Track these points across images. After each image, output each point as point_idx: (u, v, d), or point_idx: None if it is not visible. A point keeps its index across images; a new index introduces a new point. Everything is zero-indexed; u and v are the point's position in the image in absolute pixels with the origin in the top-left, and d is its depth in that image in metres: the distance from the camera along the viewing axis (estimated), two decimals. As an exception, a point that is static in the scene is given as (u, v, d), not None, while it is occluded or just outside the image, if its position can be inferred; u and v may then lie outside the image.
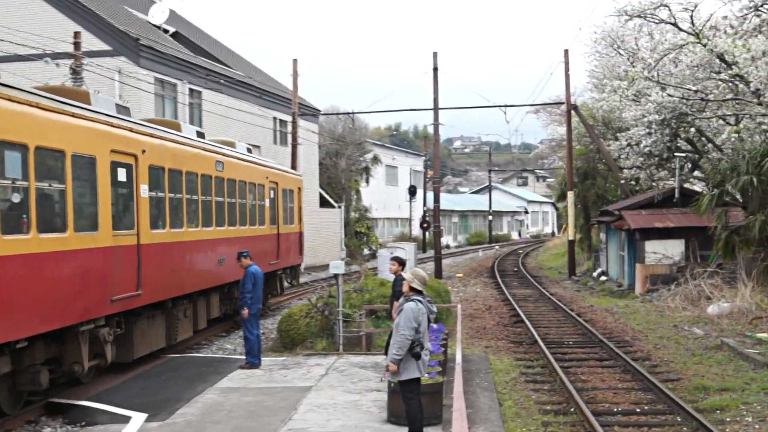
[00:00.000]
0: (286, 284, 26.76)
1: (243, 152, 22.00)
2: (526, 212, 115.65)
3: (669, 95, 27.73)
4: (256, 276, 15.31)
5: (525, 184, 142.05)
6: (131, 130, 14.02)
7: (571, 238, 39.58)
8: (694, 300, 24.54)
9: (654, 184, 34.18)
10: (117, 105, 14.68)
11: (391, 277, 15.75)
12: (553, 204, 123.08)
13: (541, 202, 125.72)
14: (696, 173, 35.31)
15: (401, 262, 14.33)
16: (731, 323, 20.57)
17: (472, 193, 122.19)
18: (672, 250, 28.86)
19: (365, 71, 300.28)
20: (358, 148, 59.04)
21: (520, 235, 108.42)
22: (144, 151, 14.37)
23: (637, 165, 33.45)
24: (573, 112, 39.15)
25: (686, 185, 34.32)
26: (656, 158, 32.83)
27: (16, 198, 10.42)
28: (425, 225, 62.52)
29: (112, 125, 13.23)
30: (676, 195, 30.08)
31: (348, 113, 45.56)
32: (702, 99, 26.79)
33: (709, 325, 20.95)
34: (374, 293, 19.99)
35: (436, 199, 40.59)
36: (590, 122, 40.02)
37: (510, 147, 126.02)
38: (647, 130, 30.77)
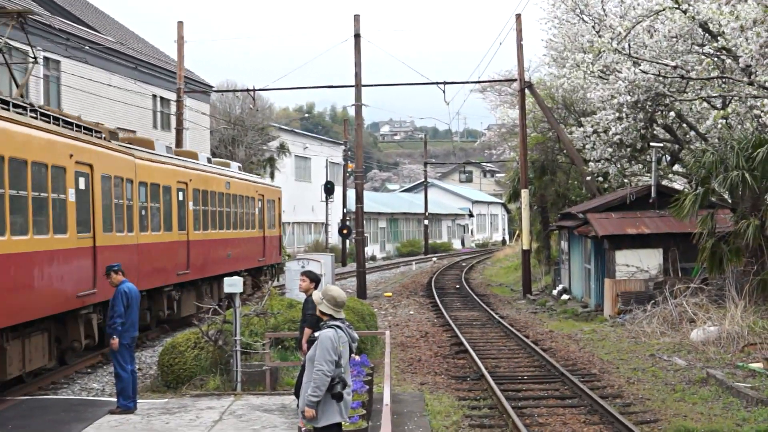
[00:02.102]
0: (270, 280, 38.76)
1: (237, 171, 35.72)
2: (471, 215, 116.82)
3: (643, 72, 28.23)
4: (130, 295, 15.01)
5: (469, 180, 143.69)
6: (179, 166, 27.26)
7: (525, 247, 40.06)
8: (675, 323, 25.03)
9: (626, 180, 34.82)
10: (167, 147, 27.79)
11: (302, 297, 15.64)
12: (503, 205, 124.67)
13: (489, 203, 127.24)
14: (676, 167, 36.07)
15: (314, 279, 14.23)
16: (719, 351, 21.02)
17: (404, 191, 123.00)
18: (648, 261, 29.40)
19: (269, 39, 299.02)
20: (261, 134, 58.72)
21: (463, 243, 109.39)
22: (191, 180, 27.96)
23: (606, 157, 34.00)
24: (527, 91, 39.61)
25: (665, 182, 35.04)
26: (628, 149, 33.44)
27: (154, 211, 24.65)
28: (345, 231, 62.55)
29: (176, 165, 26.99)
30: (653, 194, 30.61)
31: (248, 90, 45.27)
32: (682, 77, 27.35)
33: (692, 353, 21.38)
34: (281, 318, 19.85)
35: (359, 199, 40.58)
36: (548, 104, 40.56)
37: (450, 134, 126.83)
38: (617, 114, 31.29)
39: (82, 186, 19.11)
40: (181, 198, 26.96)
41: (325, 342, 9.68)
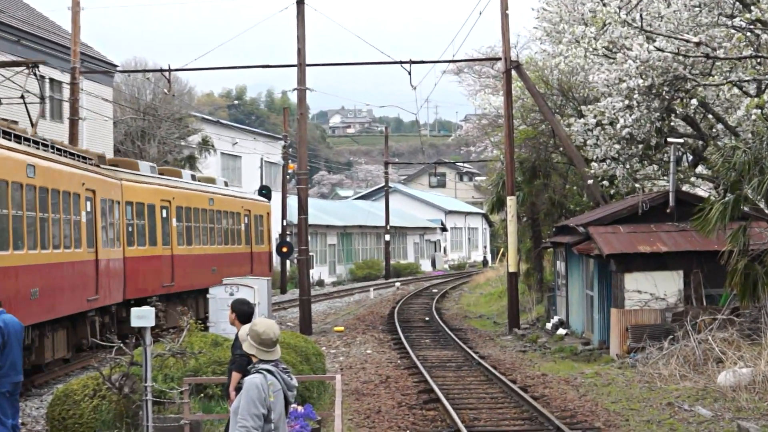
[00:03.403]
0: None
1: (222, 187, 44.93)
2: (444, 229, 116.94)
3: (658, 49, 28.44)
4: (6, 331, 14.92)
5: (442, 184, 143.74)
6: (162, 185, 36.38)
7: (512, 269, 40.15)
8: (698, 364, 25.18)
9: (637, 185, 34.98)
10: (150, 167, 37.23)
11: (231, 333, 15.63)
12: (485, 216, 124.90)
13: (466, 214, 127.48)
14: (699, 169, 36.31)
15: (243, 312, 14.10)
16: (753, 399, 21.18)
17: (360, 198, 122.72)
18: (665, 287, 29.54)
19: (188, 6, 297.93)
20: (178, 126, 58.55)
21: (434, 265, 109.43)
22: (174, 198, 36.69)
23: (612, 156, 34.14)
24: (514, 72, 39.79)
25: (685, 187, 35.27)
26: (640, 146, 33.61)
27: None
28: (285, 250, 62.32)
29: (160, 185, 36.27)
30: (671, 202, 30.73)
31: (161, 71, 45.10)
32: (707, 56, 27.58)
33: (720, 401, 21.54)
34: (204, 358, 19.82)
35: (303, 209, 40.55)
36: (540, 89, 40.73)
37: (418, 127, 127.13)
38: (626, 103, 31.47)
39: (89, 208, 29.21)
40: (164, 215, 36.41)
41: (250, 391, 9.65)
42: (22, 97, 28.35)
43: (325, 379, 21.65)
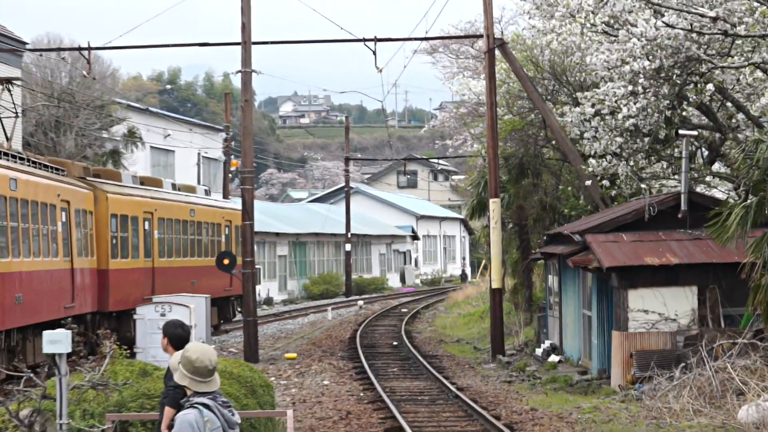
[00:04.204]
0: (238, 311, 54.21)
1: (203, 196, 50.81)
2: (416, 237, 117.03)
3: (668, 25, 28.49)
4: None
5: (413, 184, 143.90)
6: (146, 196, 43.12)
7: (496, 285, 40.13)
8: (716, 396, 25.20)
9: (643, 186, 35.04)
10: (132, 177, 44.48)
11: (164, 360, 15.45)
12: (463, 222, 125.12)
13: (441, 219, 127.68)
14: (716, 166, 36.39)
15: (177, 336, 13.90)
16: (780, 437, 21.22)
17: (315, 200, 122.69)
18: (676, 306, 29.56)
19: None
20: (99, 115, 58.23)
21: (403, 279, 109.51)
22: (156, 210, 43.23)
23: (614, 151, 34.21)
24: (498, 52, 39.78)
25: (700, 188, 35.33)
26: (646, 139, 33.66)
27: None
28: (227, 262, 62.04)
29: (143, 196, 42.93)
30: (683, 206, 30.79)
31: (79, 49, 44.87)
32: (725, 33, 27.63)
33: (741, 440, 21.55)
34: (130, 391, 19.61)
35: (248, 214, 40.48)
36: (529, 72, 40.77)
37: (385, 116, 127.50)
38: (630, 88, 31.50)
39: (64, 219, 34.93)
40: (147, 227, 42.40)
41: (183, 429, 9.58)
42: None
43: (275, 415, 21.50)
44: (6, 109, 34.62)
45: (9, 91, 34.93)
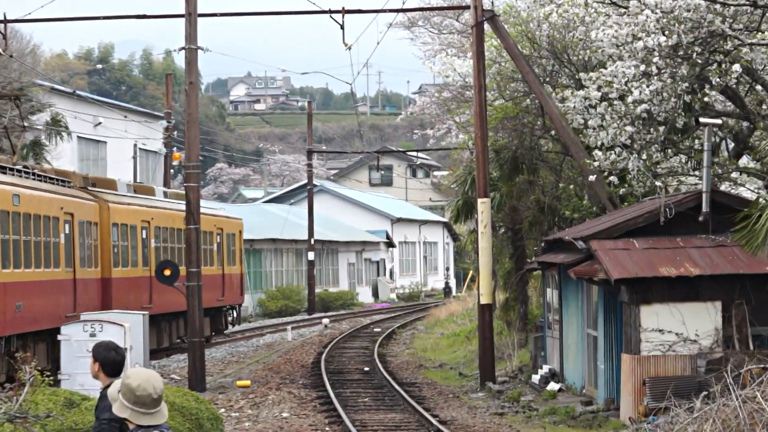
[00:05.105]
0: (230, 321, 64.24)
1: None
2: (391, 244, 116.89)
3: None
4: None
5: (388, 182, 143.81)
6: (143, 205, 52.59)
7: (485, 300, 40.27)
8: (743, 431, 25.48)
9: (658, 184, 35.31)
10: (127, 185, 53.82)
11: (93, 389, 15.60)
12: (447, 226, 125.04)
13: (421, 222, 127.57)
14: (744, 161, 36.65)
15: (110, 361, 14.03)
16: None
17: (272, 200, 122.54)
18: (697, 324, 29.68)
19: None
20: (18, 99, 58.23)
21: (377, 294, 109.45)
22: (153, 219, 52.65)
23: (623, 142, 34.44)
24: (488, 27, 40.01)
25: (724, 186, 35.59)
26: (661, 128, 33.90)
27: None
28: (168, 273, 62.15)
29: (140, 205, 52.52)
30: (704, 207, 30.90)
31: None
32: (755, 4, 28.00)
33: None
34: (54, 424, 19.84)
35: (193, 216, 40.60)
36: (524, 49, 41.01)
37: (354, 102, 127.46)
38: (642, 69, 31.76)
39: (67, 230, 41.74)
40: (144, 236, 50.26)
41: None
42: (5, 128, 42.37)
43: (225, 453, 21.75)
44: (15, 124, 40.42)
45: (18, 107, 44.42)
